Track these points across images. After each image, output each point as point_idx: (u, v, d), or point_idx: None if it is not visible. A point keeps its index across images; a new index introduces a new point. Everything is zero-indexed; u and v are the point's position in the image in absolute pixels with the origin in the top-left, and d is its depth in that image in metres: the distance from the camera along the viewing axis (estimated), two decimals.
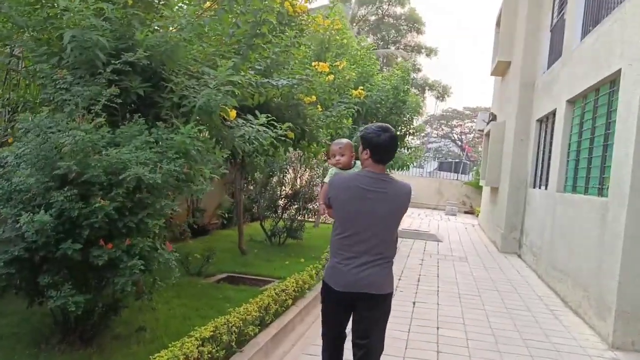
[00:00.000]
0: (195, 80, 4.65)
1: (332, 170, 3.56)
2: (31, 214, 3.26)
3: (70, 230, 3.43)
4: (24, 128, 3.67)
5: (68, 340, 3.82)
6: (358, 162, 3.47)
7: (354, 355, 3.17)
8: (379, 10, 37.27)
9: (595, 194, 6.77)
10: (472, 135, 41.39)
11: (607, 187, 6.17)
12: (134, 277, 3.52)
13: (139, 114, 4.08)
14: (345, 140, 3.70)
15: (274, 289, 5.29)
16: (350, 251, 3.08)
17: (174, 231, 7.48)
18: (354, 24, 33.62)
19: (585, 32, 8.26)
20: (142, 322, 4.42)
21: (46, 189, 3.46)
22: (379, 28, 37.06)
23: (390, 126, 3.20)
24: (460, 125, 42.78)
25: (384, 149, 3.10)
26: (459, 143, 42.55)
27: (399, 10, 37.58)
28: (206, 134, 4.84)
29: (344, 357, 3.38)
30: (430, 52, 37.69)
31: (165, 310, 4.91)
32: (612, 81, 6.62)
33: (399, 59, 29.09)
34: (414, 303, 6.58)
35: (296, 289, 5.71)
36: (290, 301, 5.48)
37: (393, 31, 37.63)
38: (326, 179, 3.43)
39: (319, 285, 6.46)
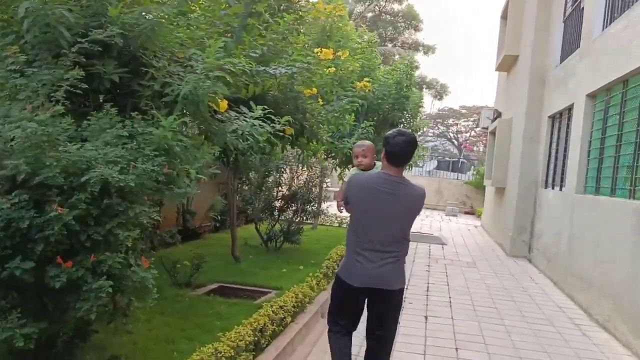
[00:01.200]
0: (180, 66, 4.01)
1: (353, 170, 3.80)
2: None
3: (19, 245, 2.76)
4: None
5: None
6: (379, 163, 3.62)
7: (368, 345, 3.42)
8: (376, 7, 36.62)
9: (626, 197, 6.14)
10: (469, 134, 40.83)
11: None
12: (101, 301, 2.86)
13: (112, 104, 3.43)
14: (367, 143, 3.98)
15: (271, 306, 4.64)
16: (363, 248, 3.22)
17: (163, 236, 6.84)
18: (351, 21, 32.96)
19: (608, 21, 7.63)
20: (116, 347, 3.79)
21: None
22: (376, 25, 36.32)
23: (408, 131, 3.32)
24: (456, 124, 42.18)
25: (396, 151, 3.21)
26: (455, 142, 41.98)
27: (396, 7, 36.93)
28: (194, 131, 4.22)
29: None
30: (428, 50, 36.99)
31: (145, 332, 4.26)
32: None
33: (396, 57, 28.48)
34: (425, 317, 5.95)
35: (296, 304, 5.07)
36: (289, 318, 4.84)
37: (390, 28, 36.97)
38: (346, 178, 3.66)
39: (321, 297, 5.93)
